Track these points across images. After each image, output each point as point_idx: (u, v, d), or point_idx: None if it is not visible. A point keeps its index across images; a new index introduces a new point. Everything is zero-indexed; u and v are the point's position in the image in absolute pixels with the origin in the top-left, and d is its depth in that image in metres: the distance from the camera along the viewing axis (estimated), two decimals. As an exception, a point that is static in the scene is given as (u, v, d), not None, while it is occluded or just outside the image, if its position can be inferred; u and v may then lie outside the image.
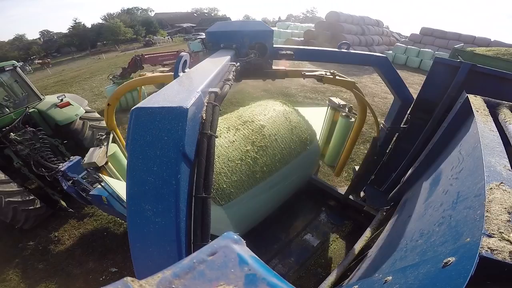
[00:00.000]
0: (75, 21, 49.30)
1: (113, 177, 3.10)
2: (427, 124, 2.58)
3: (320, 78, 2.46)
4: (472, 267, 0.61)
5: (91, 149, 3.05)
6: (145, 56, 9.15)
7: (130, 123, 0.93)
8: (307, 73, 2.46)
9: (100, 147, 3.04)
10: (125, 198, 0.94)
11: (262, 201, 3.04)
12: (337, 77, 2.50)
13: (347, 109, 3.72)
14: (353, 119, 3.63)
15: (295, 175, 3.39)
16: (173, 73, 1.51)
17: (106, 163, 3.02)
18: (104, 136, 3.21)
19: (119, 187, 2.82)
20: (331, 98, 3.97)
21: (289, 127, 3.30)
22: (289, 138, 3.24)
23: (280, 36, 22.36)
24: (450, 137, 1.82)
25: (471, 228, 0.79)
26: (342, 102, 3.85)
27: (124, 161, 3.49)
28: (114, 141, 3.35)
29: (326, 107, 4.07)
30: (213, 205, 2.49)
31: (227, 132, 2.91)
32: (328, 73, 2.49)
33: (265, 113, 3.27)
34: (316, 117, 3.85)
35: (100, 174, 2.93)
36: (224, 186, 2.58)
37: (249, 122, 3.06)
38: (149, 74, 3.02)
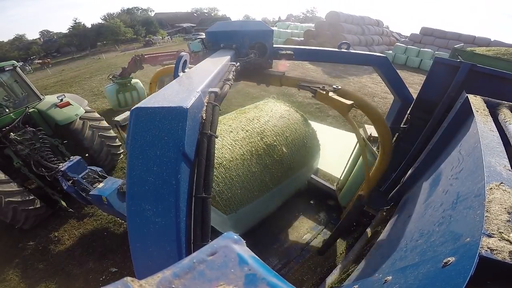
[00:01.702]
0: (75, 21, 49.32)
1: None
2: (427, 124, 2.58)
3: (314, 91, 2.07)
4: (472, 267, 0.61)
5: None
6: (145, 56, 9.14)
7: (130, 123, 0.93)
8: (302, 83, 2.13)
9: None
10: None
11: (264, 209, 3.20)
12: (330, 95, 2.01)
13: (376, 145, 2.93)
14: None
15: (293, 187, 3.59)
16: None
17: None
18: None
19: None
20: (366, 126, 3.24)
21: (305, 153, 3.41)
22: (302, 162, 3.39)
23: (280, 36, 22.34)
24: (450, 137, 1.82)
25: (471, 228, 0.79)
26: (374, 134, 3.02)
27: None
28: None
29: (360, 135, 2.91)
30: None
31: (250, 159, 2.90)
32: (322, 88, 2.07)
33: (287, 134, 3.25)
34: (343, 143, 3.59)
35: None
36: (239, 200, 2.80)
37: (272, 146, 3.07)
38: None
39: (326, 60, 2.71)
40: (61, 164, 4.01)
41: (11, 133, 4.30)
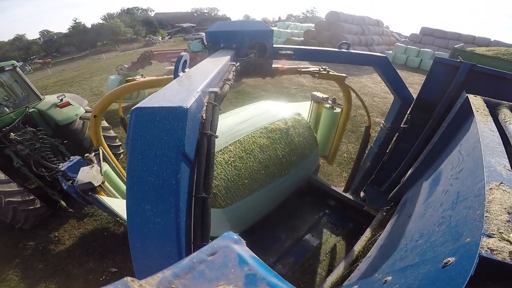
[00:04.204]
0: (75, 21, 49.34)
1: (110, 196, 2.88)
2: (427, 124, 2.58)
3: (314, 74, 2.72)
4: (472, 267, 0.61)
5: (82, 169, 2.75)
6: (154, 52, 9.28)
7: (130, 123, 0.93)
8: (302, 70, 2.67)
9: (92, 166, 2.76)
10: (126, 217, 0.95)
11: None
12: (330, 73, 2.78)
13: (330, 101, 3.78)
14: (338, 110, 3.69)
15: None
16: (169, 76, 1.50)
17: (103, 182, 2.73)
18: (92, 154, 2.94)
19: (118, 205, 2.69)
20: (313, 93, 4.02)
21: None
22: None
23: (280, 36, 22.35)
24: (450, 137, 1.82)
25: (471, 228, 0.79)
26: (325, 96, 3.88)
27: (117, 179, 3.32)
28: (104, 158, 3.05)
29: (310, 102, 4.12)
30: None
31: (262, 190, 3.06)
32: (321, 69, 2.77)
33: (294, 158, 3.36)
34: (301, 112, 3.84)
35: (96, 195, 2.61)
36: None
37: (276, 158, 3.20)
38: (139, 79, 2.83)
39: (326, 60, 2.71)
40: (61, 164, 4.00)
41: (11, 133, 4.30)
